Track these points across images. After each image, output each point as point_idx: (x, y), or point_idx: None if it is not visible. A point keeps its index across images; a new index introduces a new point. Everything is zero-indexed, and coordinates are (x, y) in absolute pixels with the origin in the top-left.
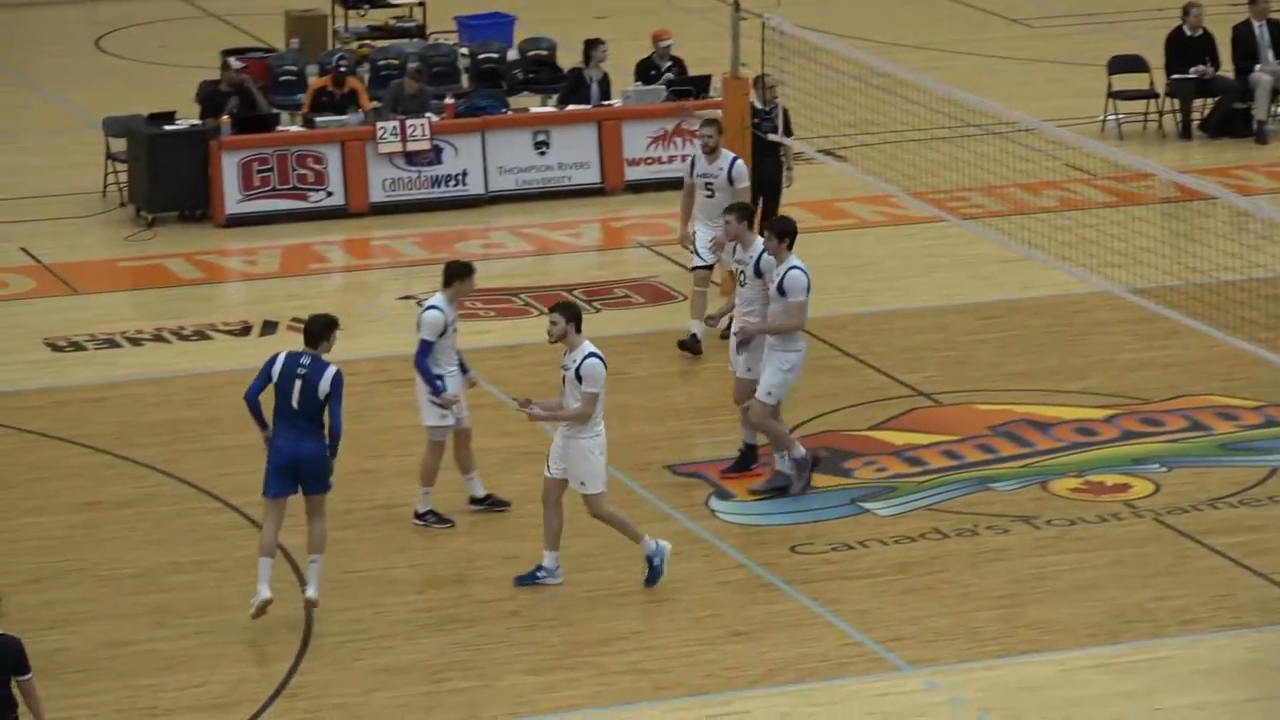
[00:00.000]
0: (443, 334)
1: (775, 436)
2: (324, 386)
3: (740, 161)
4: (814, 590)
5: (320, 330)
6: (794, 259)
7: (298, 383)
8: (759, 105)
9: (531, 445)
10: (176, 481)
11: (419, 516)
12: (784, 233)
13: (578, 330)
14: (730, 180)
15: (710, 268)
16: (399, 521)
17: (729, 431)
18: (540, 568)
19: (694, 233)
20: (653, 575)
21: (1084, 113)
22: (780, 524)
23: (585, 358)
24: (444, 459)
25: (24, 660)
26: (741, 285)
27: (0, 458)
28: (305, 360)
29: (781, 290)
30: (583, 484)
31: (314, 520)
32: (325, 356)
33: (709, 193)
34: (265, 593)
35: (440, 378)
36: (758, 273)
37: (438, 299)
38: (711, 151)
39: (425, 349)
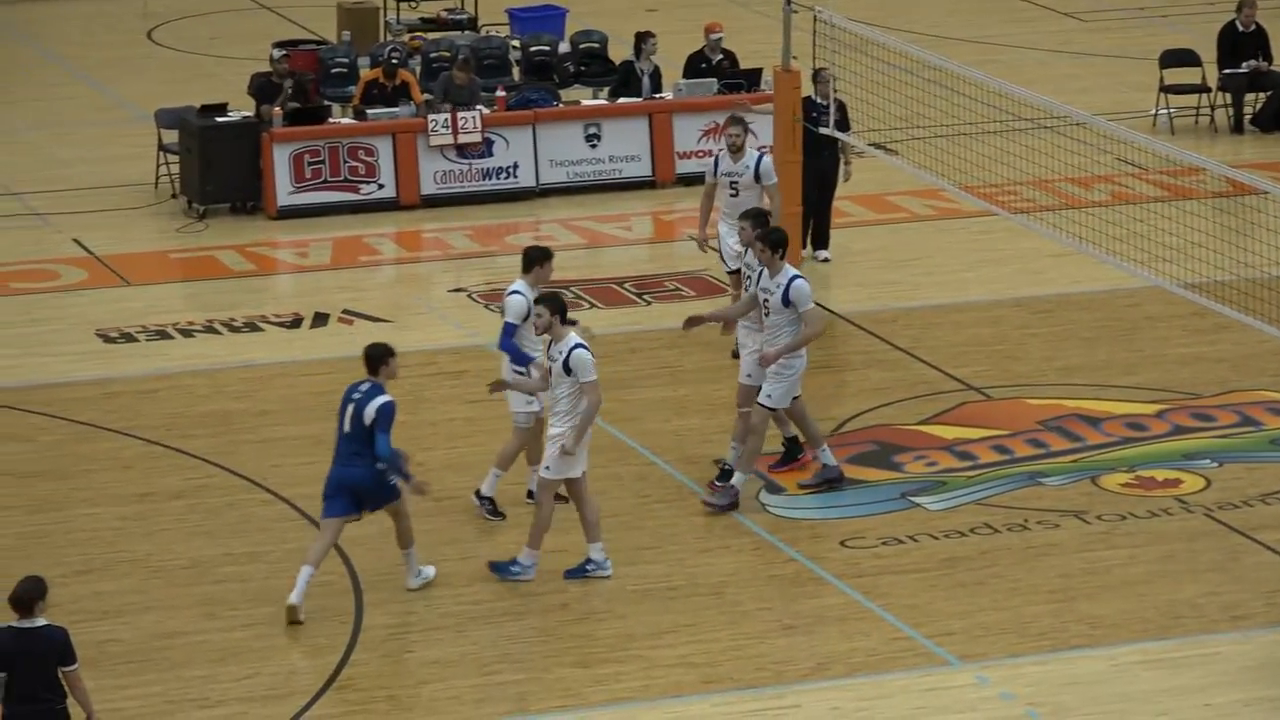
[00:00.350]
0: (525, 318)
1: (755, 450)
2: (369, 413)
3: (768, 159)
4: (864, 584)
5: (376, 357)
6: (790, 269)
7: (350, 407)
8: (818, 100)
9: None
10: (227, 473)
11: (479, 497)
12: (777, 244)
13: (563, 322)
14: (757, 177)
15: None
16: (449, 514)
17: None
18: (589, 560)
19: (717, 235)
20: (505, 571)
21: (1136, 107)
22: (830, 518)
23: (571, 349)
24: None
25: (70, 651)
26: (766, 315)
27: (52, 449)
28: (363, 387)
29: (787, 302)
30: (547, 467)
31: (396, 522)
32: (385, 384)
33: (733, 191)
34: (292, 598)
35: (531, 359)
36: (786, 301)
37: (520, 284)
38: (738, 150)
39: (509, 331)
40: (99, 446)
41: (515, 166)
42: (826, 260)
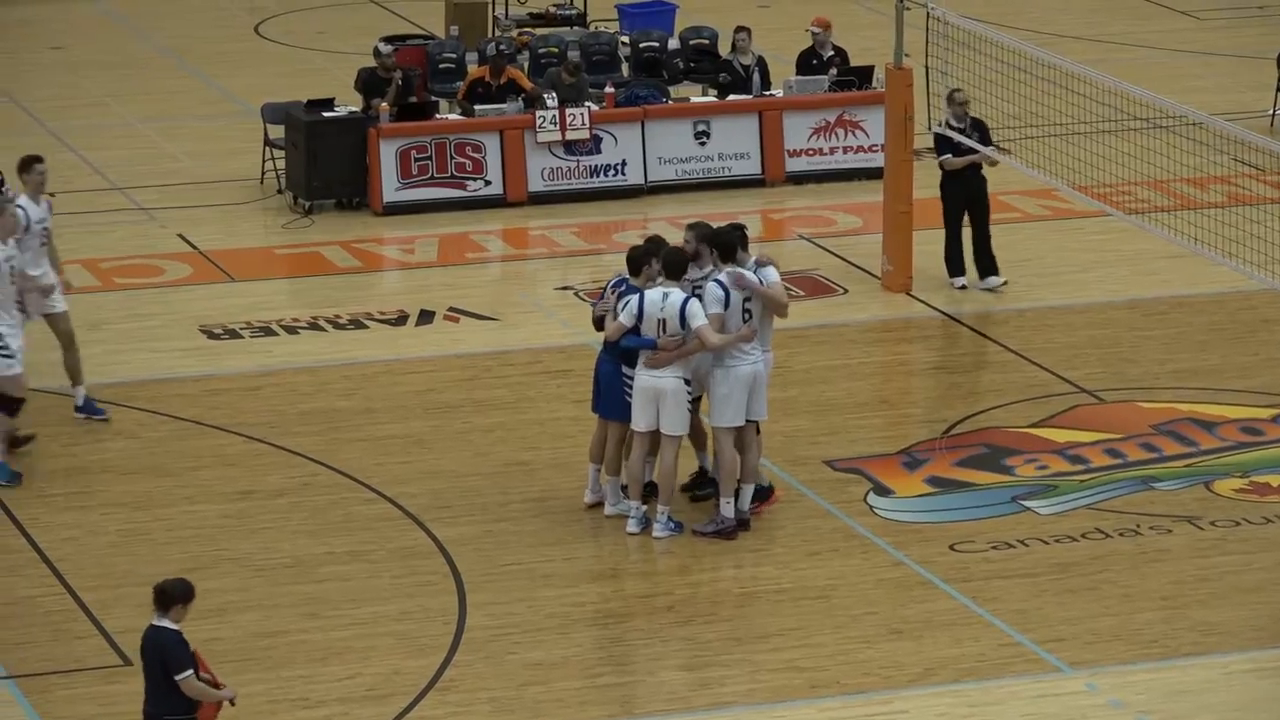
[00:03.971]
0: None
1: (752, 466)
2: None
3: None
4: (973, 589)
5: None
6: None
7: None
8: (954, 123)
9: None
10: (331, 471)
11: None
12: (720, 246)
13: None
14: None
15: None
16: (554, 514)
17: (890, 426)
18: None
19: None
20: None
21: (1252, 107)
22: (939, 521)
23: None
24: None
25: (175, 658)
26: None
27: (157, 445)
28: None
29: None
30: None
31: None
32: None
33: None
34: (588, 497)
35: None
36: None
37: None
38: (694, 257)
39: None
40: (202, 443)
41: (623, 164)
42: (1001, 284)
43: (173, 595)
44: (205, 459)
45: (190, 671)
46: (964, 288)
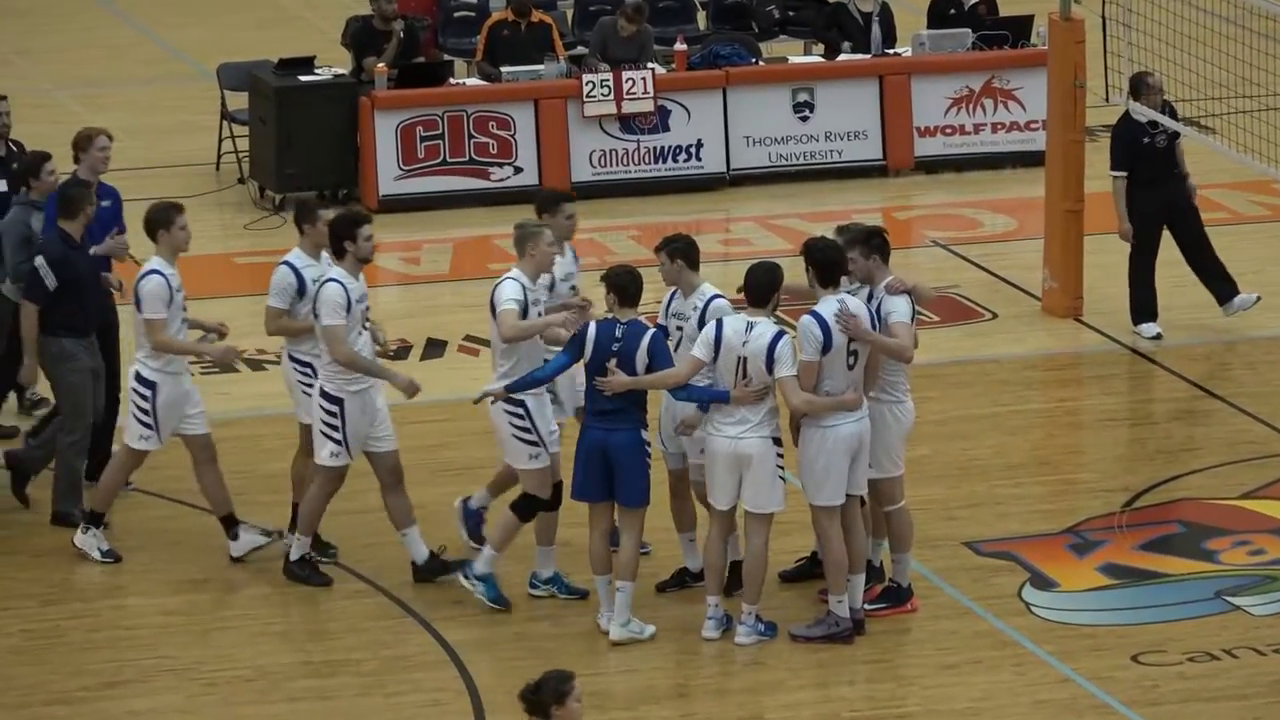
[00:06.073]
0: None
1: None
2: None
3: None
4: (1165, 714)
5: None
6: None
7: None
8: (1142, 120)
9: None
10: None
11: None
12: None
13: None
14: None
15: None
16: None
17: (1053, 497)
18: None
19: None
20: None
21: None
22: (1119, 623)
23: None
24: None
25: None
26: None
27: None
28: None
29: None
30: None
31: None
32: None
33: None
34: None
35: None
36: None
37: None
38: (672, 282)
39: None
40: (137, 515)
41: (698, 145)
42: (1254, 301)
43: (546, 695)
44: (141, 536)
45: None
46: (1158, 337)
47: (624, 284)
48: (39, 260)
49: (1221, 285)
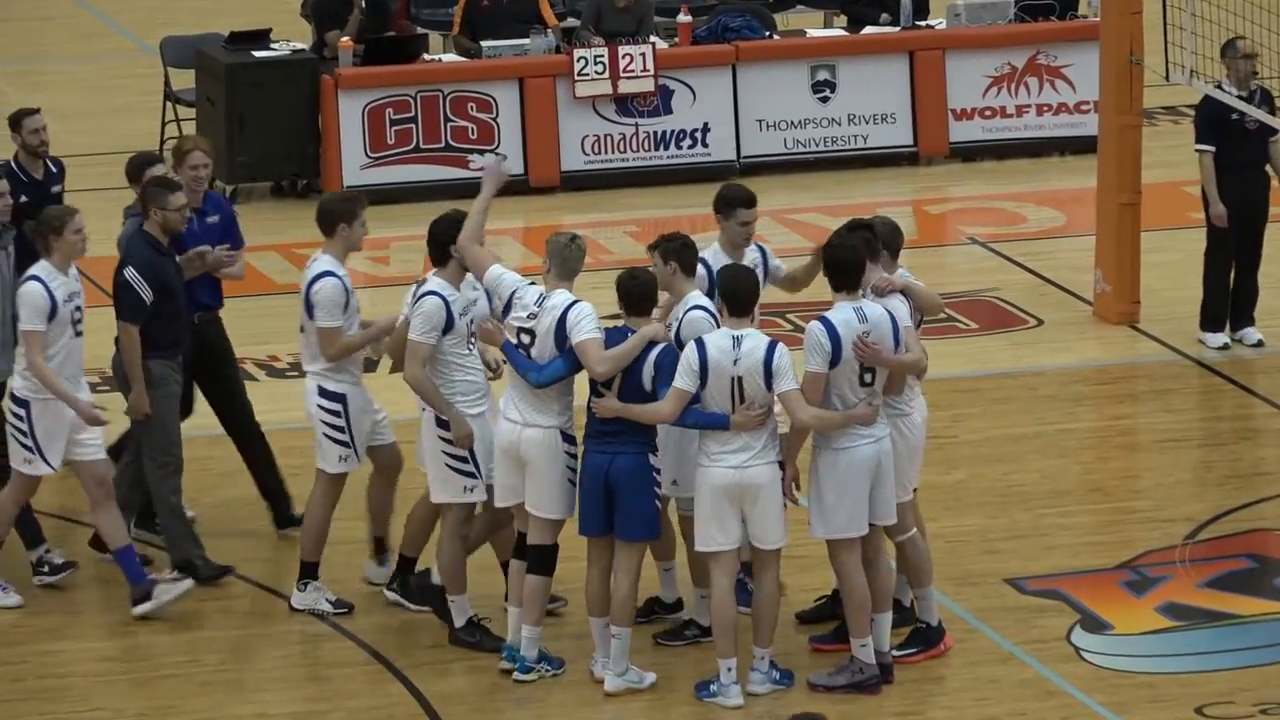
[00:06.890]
0: None
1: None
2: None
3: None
4: None
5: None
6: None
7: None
8: (1230, 89)
9: None
10: (263, 592)
11: None
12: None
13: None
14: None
15: None
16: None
17: (1106, 528)
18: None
19: None
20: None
21: None
22: (1181, 671)
23: None
24: None
25: None
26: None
27: (4, 553)
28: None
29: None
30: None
31: None
32: None
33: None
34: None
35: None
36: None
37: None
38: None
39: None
40: (72, 550)
41: (705, 129)
42: (1256, 341)
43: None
44: (74, 572)
45: None
46: (1225, 347)
47: (628, 291)
48: (129, 272)
49: (1243, 308)
